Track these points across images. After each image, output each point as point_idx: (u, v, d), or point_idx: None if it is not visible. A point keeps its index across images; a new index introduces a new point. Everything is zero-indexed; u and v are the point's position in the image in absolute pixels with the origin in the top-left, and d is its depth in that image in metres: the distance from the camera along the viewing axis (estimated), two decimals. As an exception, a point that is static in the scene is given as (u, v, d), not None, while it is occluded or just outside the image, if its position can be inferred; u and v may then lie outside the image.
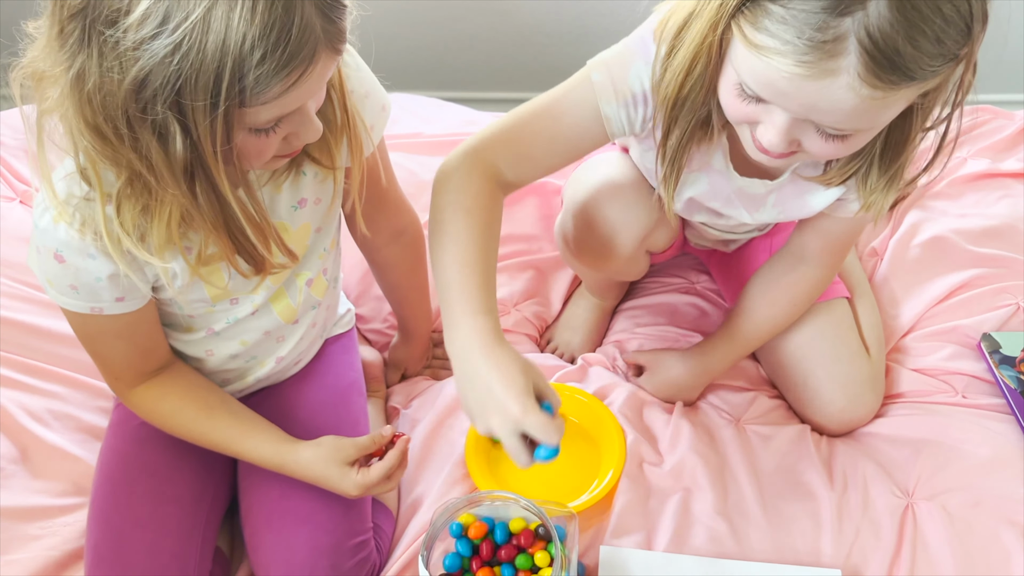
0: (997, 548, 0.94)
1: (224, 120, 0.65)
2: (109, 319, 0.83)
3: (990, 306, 1.16)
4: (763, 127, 0.74)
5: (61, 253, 0.76)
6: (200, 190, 0.70)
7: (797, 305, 1.06)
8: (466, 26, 1.88)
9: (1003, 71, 1.95)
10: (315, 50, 0.65)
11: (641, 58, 0.84)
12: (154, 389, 0.91)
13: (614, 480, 0.99)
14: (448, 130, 1.43)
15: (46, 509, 0.96)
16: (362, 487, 0.88)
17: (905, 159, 0.81)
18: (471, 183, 0.87)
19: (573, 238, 1.07)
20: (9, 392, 1.04)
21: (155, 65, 0.62)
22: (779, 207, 0.95)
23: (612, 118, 0.87)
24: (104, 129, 0.66)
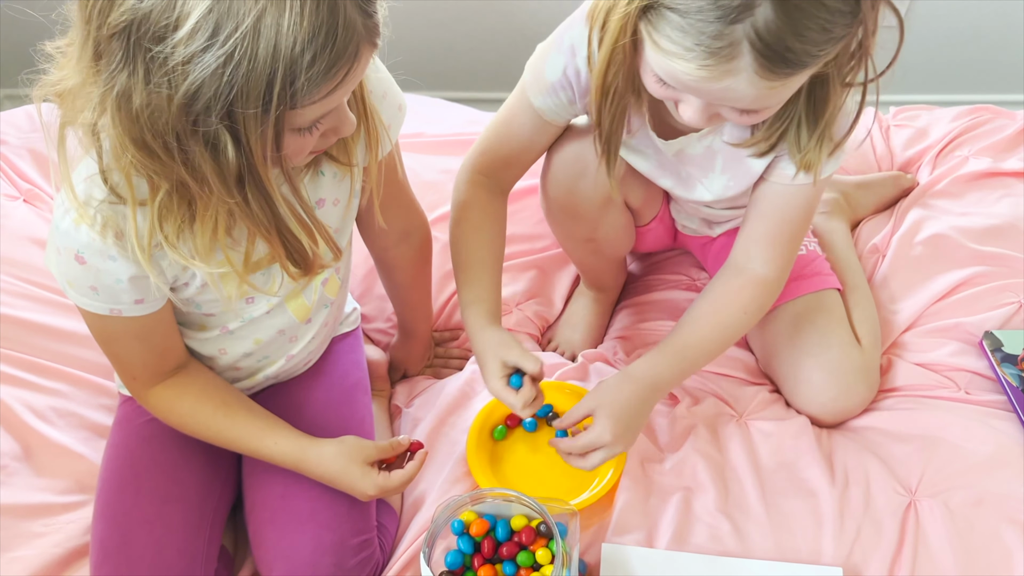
0: (998, 547, 0.94)
1: (275, 125, 0.66)
2: (127, 320, 0.83)
3: (992, 304, 1.16)
4: (683, 106, 0.80)
5: (82, 255, 0.76)
6: (252, 196, 0.70)
7: (748, 312, 0.99)
8: (469, 27, 1.88)
9: (1004, 71, 1.96)
10: (358, 47, 0.66)
11: (555, 49, 0.93)
12: (171, 389, 0.91)
13: (615, 478, 0.99)
14: (451, 130, 1.44)
15: (50, 506, 0.97)
16: (380, 489, 0.89)
17: (831, 113, 0.85)
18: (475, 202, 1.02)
19: (550, 183, 1.05)
20: (13, 390, 1.05)
21: (207, 78, 0.62)
22: (727, 173, 0.98)
23: (544, 108, 0.97)
24: (152, 145, 0.66)
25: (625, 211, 1.10)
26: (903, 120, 1.47)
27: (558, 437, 0.97)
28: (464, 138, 1.41)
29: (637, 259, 1.34)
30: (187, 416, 0.92)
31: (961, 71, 1.97)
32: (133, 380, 0.91)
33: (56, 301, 1.15)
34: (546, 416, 1.06)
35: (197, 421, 0.92)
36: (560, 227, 1.13)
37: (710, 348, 1.00)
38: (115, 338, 0.87)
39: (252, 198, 0.71)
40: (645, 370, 0.96)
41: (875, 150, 1.42)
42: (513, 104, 1.00)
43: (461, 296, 1.01)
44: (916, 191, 1.34)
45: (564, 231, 1.14)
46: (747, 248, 1.00)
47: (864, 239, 1.30)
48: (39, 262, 1.18)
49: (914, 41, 2.03)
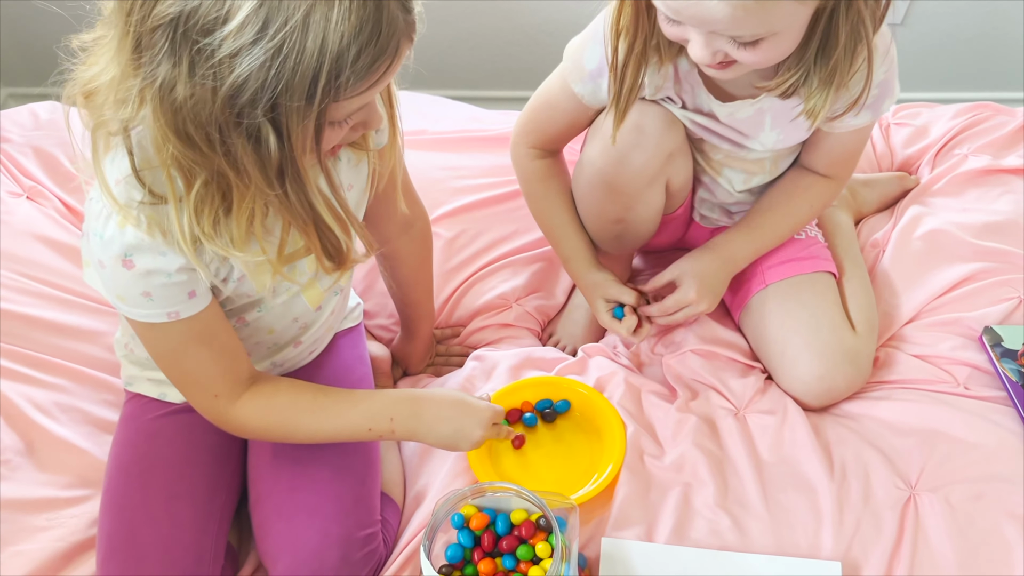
0: (998, 541, 0.94)
1: (317, 118, 0.66)
2: (187, 324, 0.81)
3: (992, 300, 1.15)
4: (690, 45, 0.85)
5: (130, 258, 0.76)
6: (291, 188, 0.71)
7: (814, 206, 1.13)
8: (470, 25, 1.88)
9: (1004, 68, 1.96)
10: (399, 42, 0.67)
11: (592, 38, 1.00)
12: (259, 396, 0.88)
13: (614, 472, 1.00)
14: (453, 127, 1.44)
15: (53, 501, 0.97)
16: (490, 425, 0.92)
17: (837, 61, 0.88)
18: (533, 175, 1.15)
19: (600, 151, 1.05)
20: (16, 385, 1.05)
21: (254, 71, 0.62)
22: (777, 128, 1.03)
23: (584, 94, 1.04)
24: (194, 136, 0.66)
25: (663, 193, 1.11)
26: (903, 118, 1.47)
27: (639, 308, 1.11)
28: (466, 136, 1.42)
29: (640, 255, 1.35)
30: (288, 410, 0.89)
31: (961, 69, 1.97)
32: (216, 399, 0.87)
33: (58, 297, 1.15)
34: (544, 411, 1.07)
35: (300, 410, 0.89)
36: (595, 202, 1.12)
37: (780, 232, 1.13)
38: (180, 350, 0.83)
39: (292, 191, 0.71)
40: (722, 244, 1.11)
41: (875, 148, 1.42)
42: (554, 88, 1.08)
43: (559, 255, 1.18)
44: (916, 189, 1.34)
45: (597, 207, 1.12)
46: (811, 164, 1.11)
47: (865, 235, 1.30)
48: (42, 258, 1.19)
49: (915, 39, 2.05)
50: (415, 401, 0.91)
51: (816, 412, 1.10)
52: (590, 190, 1.10)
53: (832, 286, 1.14)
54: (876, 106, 1.01)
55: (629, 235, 1.15)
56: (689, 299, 1.07)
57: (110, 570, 0.89)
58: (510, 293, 1.25)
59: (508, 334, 1.22)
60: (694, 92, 1.01)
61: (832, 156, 1.08)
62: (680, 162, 1.08)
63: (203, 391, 0.87)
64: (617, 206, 1.10)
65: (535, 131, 1.12)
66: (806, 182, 1.11)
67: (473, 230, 1.30)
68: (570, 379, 1.10)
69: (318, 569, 0.89)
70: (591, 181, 1.09)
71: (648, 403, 1.09)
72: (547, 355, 1.16)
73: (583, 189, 1.12)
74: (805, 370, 1.08)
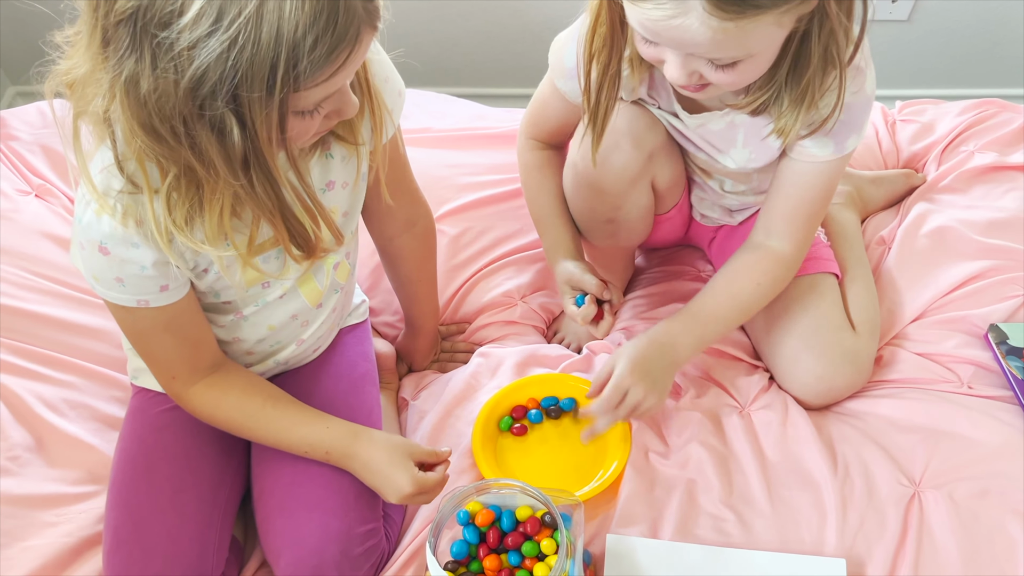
0: (1003, 538, 0.94)
1: (279, 108, 0.67)
2: (156, 312, 0.83)
3: (997, 297, 1.15)
4: (666, 65, 0.84)
5: (106, 245, 0.77)
6: (257, 179, 0.71)
7: (762, 284, 1.04)
8: (476, 23, 1.88)
9: (1009, 65, 1.95)
10: (359, 30, 0.68)
11: (573, 37, 1.00)
12: (214, 388, 0.92)
13: (619, 469, 1.00)
14: (458, 125, 1.44)
15: (62, 497, 0.98)
16: (418, 485, 0.89)
17: (808, 82, 0.87)
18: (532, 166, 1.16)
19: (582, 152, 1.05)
20: (25, 382, 1.06)
21: (212, 62, 0.63)
22: (749, 147, 1.01)
23: (566, 90, 1.05)
24: (160, 129, 0.67)
25: (650, 193, 1.11)
26: (909, 115, 1.47)
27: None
28: (471, 133, 1.42)
29: (643, 253, 1.35)
30: (233, 410, 0.92)
31: (967, 66, 1.96)
32: (172, 380, 0.91)
33: (67, 294, 1.16)
34: (549, 408, 1.07)
35: (245, 415, 0.92)
36: (584, 202, 1.12)
37: (725, 316, 1.05)
38: (147, 333, 0.87)
39: (257, 181, 0.72)
40: (660, 330, 1.03)
41: (881, 145, 1.42)
42: (544, 88, 1.10)
43: (543, 245, 1.17)
44: (922, 187, 1.34)
45: (587, 207, 1.12)
46: (767, 225, 1.04)
47: (871, 232, 1.30)
48: (50, 256, 1.20)
49: (920, 36, 2.04)
50: (355, 439, 0.92)
51: (819, 411, 1.10)
52: (576, 191, 1.11)
53: (834, 287, 1.14)
54: (841, 138, 0.96)
55: (622, 233, 1.15)
56: (624, 380, 0.97)
57: (116, 561, 0.89)
58: (515, 290, 1.25)
59: (513, 331, 1.22)
60: (668, 99, 1.01)
61: (792, 199, 1.01)
62: (663, 162, 1.07)
63: (162, 371, 0.91)
64: (605, 206, 1.10)
65: (534, 124, 1.14)
66: (754, 258, 1.04)
67: (478, 227, 1.30)
68: (575, 376, 1.10)
69: (318, 564, 0.89)
70: (576, 183, 1.10)
71: (653, 400, 1.09)
72: (552, 352, 1.17)
73: (571, 190, 1.13)
74: (805, 370, 1.08)
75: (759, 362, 1.15)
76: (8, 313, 1.11)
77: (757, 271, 1.04)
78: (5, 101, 2.04)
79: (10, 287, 1.14)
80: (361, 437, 0.92)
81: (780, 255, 1.03)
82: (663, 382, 1.01)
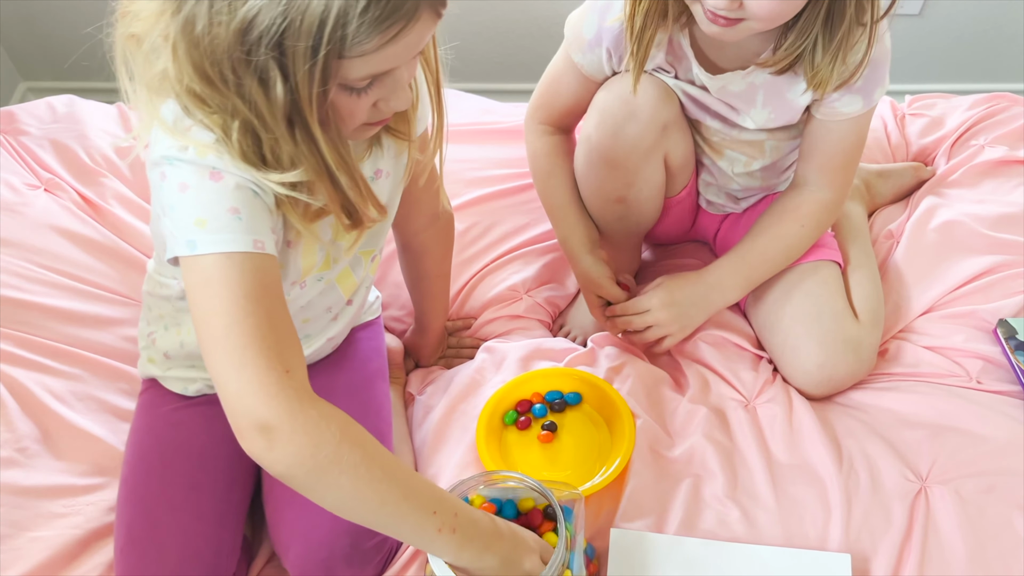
0: (1009, 534, 0.93)
1: (323, 67, 0.65)
2: (269, 262, 0.71)
3: (1007, 292, 1.15)
4: None
5: (217, 169, 0.71)
6: (300, 137, 0.70)
7: (805, 226, 1.09)
8: (484, 18, 1.89)
9: (1021, 60, 1.94)
10: (417, 7, 0.66)
11: (591, 7, 1.01)
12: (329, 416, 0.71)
13: (623, 464, 1.00)
14: (465, 119, 1.44)
15: (70, 488, 0.98)
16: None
17: (843, 35, 0.90)
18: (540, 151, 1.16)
19: (595, 123, 1.06)
20: (33, 374, 1.06)
21: (263, 5, 0.63)
22: (769, 106, 1.03)
23: (584, 64, 1.06)
24: (211, 74, 0.66)
25: (662, 169, 1.11)
26: (918, 109, 1.46)
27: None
28: (478, 128, 1.42)
29: (650, 248, 1.35)
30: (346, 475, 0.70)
31: (977, 61, 1.95)
32: (288, 373, 0.68)
33: (75, 287, 1.17)
34: (554, 402, 1.07)
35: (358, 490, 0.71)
36: (595, 180, 1.12)
37: (772, 258, 1.10)
38: (259, 296, 0.69)
39: (301, 139, 0.70)
40: (708, 270, 1.09)
41: (890, 139, 1.41)
42: (559, 63, 1.10)
43: (557, 236, 1.18)
44: (931, 180, 1.33)
45: (598, 185, 1.12)
46: (805, 175, 1.09)
47: (879, 226, 1.29)
48: (59, 249, 1.20)
49: (932, 31, 2.03)
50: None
51: (824, 402, 1.10)
52: (588, 167, 1.11)
53: (836, 275, 1.13)
54: (868, 91, 1.00)
55: (632, 216, 1.15)
56: (651, 301, 1.06)
57: (130, 559, 0.89)
58: (520, 284, 1.25)
59: (519, 325, 1.22)
60: (687, 65, 1.02)
61: (826, 155, 1.06)
62: (677, 136, 1.07)
63: (272, 360, 0.68)
64: (617, 183, 1.09)
65: (543, 107, 1.14)
66: (796, 201, 1.09)
67: (485, 222, 1.30)
68: (580, 370, 1.10)
69: (328, 558, 0.89)
70: (589, 157, 1.09)
71: (658, 394, 1.09)
72: (557, 346, 1.17)
73: (582, 168, 1.12)
74: (806, 358, 1.07)
75: (763, 352, 1.15)
76: (16, 306, 1.12)
77: (800, 212, 1.08)
78: (16, 96, 2.06)
79: (18, 280, 1.15)
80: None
81: (822, 199, 1.08)
82: (692, 318, 1.08)
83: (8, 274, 1.15)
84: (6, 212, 1.23)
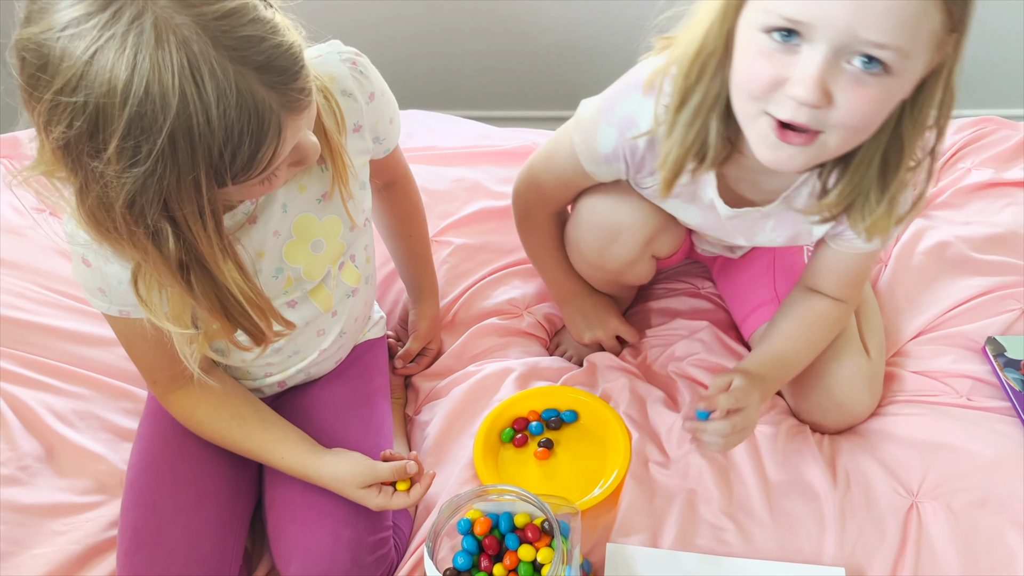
0: (1002, 548, 0.94)
1: (213, 214, 0.70)
2: (137, 322, 0.86)
3: (994, 312, 1.16)
4: (793, 81, 0.74)
5: (87, 257, 0.81)
6: (195, 280, 0.74)
7: (834, 332, 1.06)
8: (481, 47, 1.92)
9: (1005, 87, 1.96)
10: (280, 123, 0.69)
11: (606, 120, 0.94)
12: (190, 397, 0.95)
13: (619, 479, 1.01)
14: (463, 143, 1.46)
15: (70, 506, 0.99)
16: (382, 508, 0.92)
17: (901, 176, 0.83)
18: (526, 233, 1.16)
19: (581, 239, 1.09)
20: (37, 393, 1.08)
21: (139, 187, 0.66)
22: (778, 231, 0.99)
23: (596, 173, 1.00)
24: (110, 232, 0.71)
25: (652, 262, 1.14)
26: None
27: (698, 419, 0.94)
28: (475, 150, 1.44)
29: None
30: (204, 424, 0.96)
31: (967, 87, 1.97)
32: (154, 383, 0.95)
33: (79, 308, 1.18)
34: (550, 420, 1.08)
35: (213, 430, 0.96)
36: (585, 269, 1.16)
37: (803, 362, 1.04)
38: (129, 340, 0.91)
39: (196, 282, 0.74)
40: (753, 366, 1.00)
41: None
42: (558, 154, 1.03)
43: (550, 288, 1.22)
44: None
45: (586, 272, 1.17)
46: (818, 286, 1.04)
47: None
48: (63, 271, 1.22)
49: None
50: (305, 477, 0.94)
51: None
52: (578, 261, 1.14)
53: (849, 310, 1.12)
54: None
55: (624, 285, 1.20)
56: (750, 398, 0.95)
57: (136, 560, 0.90)
58: (520, 300, 1.26)
59: (516, 341, 1.22)
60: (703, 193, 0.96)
61: (838, 277, 1.02)
62: (664, 237, 1.08)
63: (145, 374, 0.95)
64: (608, 275, 1.14)
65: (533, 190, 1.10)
66: (822, 309, 1.04)
67: (482, 239, 1.31)
68: (576, 388, 1.12)
69: (329, 572, 0.90)
70: (577, 259, 1.14)
71: (654, 411, 1.10)
72: (553, 365, 1.18)
73: (573, 255, 1.15)
74: (825, 396, 1.07)
75: None
76: (20, 326, 1.13)
77: (830, 321, 1.04)
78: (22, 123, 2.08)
79: (22, 300, 1.17)
80: (310, 473, 0.93)
81: (841, 308, 1.04)
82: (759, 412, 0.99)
83: (11, 295, 1.17)
84: (11, 235, 1.25)
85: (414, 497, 0.92)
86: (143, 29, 0.63)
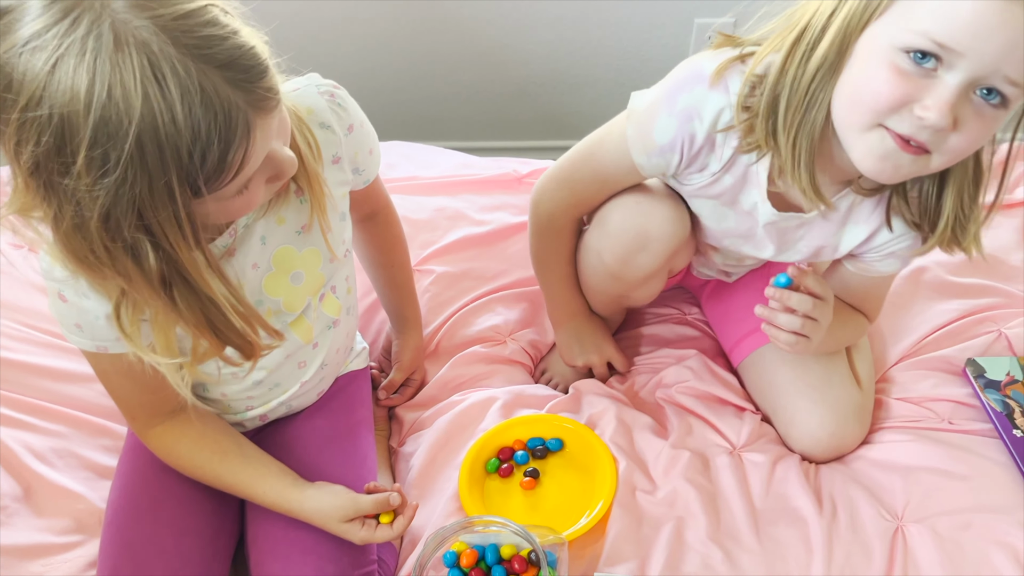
0: (988, 569, 0.94)
1: (190, 221, 0.69)
2: (114, 358, 0.85)
3: (973, 334, 1.17)
4: (926, 104, 0.74)
5: (63, 292, 0.80)
6: (179, 295, 0.73)
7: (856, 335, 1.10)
8: (464, 78, 1.93)
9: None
10: (248, 122, 0.68)
11: (666, 110, 0.92)
12: (170, 432, 0.94)
13: (606, 508, 1.00)
14: (444, 173, 1.47)
15: (49, 546, 0.98)
16: (365, 541, 0.91)
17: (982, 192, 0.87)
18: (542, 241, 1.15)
19: (605, 248, 1.06)
20: (14, 431, 1.06)
21: (112, 199, 0.65)
22: (806, 241, 1.00)
23: (644, 165, 0.98)
24: (87, 257, 0.70)
25: (665, 279, 1.14)
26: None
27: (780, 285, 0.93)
28: (456, 179, 1.44)
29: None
30: (184, 459, 0.95)
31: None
32: (133, 419, 0.94)
33: (57, 344, 1.17)
34: (535, 449, 1.07)
35: (194, 465, 0.95)
36: (597, 283, 1.15)
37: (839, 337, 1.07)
38: (107, 375, 0.90)
39: (180, 298, 0.73)
40: None
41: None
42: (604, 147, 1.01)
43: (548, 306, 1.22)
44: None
45: (599, 287, 1.15)
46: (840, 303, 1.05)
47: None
48: (42, 308, 1.21)
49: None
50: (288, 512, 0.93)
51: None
52: (593, 274, 1.13)
53: None
54: (908, 256, 1.00)
55: (630, 304, 1.20)
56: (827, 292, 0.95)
57: None
58: (503, 326, 1.25)
59: (501, 369, 1.22)
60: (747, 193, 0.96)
61: (858, 296, 1.06)
62: (683, 254, 1.09)
63: (123, 410, 0.94)
64: (620, 288, 1.13)
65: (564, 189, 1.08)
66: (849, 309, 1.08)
67: (464, 267, 1.31)
68: (561, 416, 1.11)
69: None
70: (595, 269, 1.12)
71: (640, 439, 1.10)
72: (539, 392, 1.17)
73: (586, 271, 1.14)
74: (817, 425, 1.07)
75: (747, 404, 1.16)
76: (-2, 364, 1.12)
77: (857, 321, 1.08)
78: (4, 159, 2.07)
79: (1, 339, 1.15)
80: (293, 508, 0.92)
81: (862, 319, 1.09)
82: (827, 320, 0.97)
83: (-12, 332, 1.16)
84: (-12, 272, 1.24)
85: (398, 529, 0.91)
86: (101, 33, 0.62)
